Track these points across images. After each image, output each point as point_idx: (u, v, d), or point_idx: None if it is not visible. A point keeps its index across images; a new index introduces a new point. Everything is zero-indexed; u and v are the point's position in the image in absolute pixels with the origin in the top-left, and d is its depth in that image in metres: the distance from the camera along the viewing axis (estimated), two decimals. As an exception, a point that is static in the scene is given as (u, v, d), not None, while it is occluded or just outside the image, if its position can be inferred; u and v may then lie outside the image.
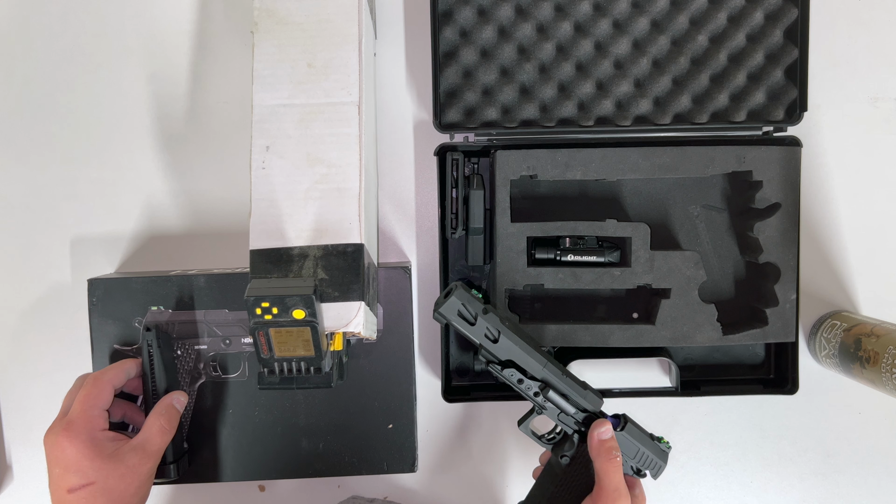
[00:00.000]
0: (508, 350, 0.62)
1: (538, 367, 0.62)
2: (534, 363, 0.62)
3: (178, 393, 0.67)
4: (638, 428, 0.63)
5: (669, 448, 0.64)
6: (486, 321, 0.61)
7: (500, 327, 0.61)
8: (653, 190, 0.75)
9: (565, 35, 0.71)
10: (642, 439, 0.63)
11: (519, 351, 0.62)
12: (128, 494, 0.60)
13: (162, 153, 0.76)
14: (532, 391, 0.62)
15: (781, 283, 0.70)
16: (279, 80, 0.62)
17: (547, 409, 0.63)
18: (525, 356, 0.62)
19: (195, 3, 0.76)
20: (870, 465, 0.78)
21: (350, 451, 0.72)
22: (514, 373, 0.62)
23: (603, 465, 0.59)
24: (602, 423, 0.61)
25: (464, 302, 0.61)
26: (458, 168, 0.71)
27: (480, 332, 0.61)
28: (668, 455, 0.64)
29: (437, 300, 0.63)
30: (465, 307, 0.61)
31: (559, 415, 0.63)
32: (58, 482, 0.59)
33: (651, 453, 0.63)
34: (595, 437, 0.60)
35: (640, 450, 0.63)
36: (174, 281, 0.70)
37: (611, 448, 0.60)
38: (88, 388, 0.62)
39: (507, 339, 0.61)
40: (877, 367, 0.66)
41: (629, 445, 0.62)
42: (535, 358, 0.62)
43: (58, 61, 0.76)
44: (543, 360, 0.62)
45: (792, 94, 0.71)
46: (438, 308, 0.61)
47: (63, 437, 0.59)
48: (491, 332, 0.61)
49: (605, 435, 0.60)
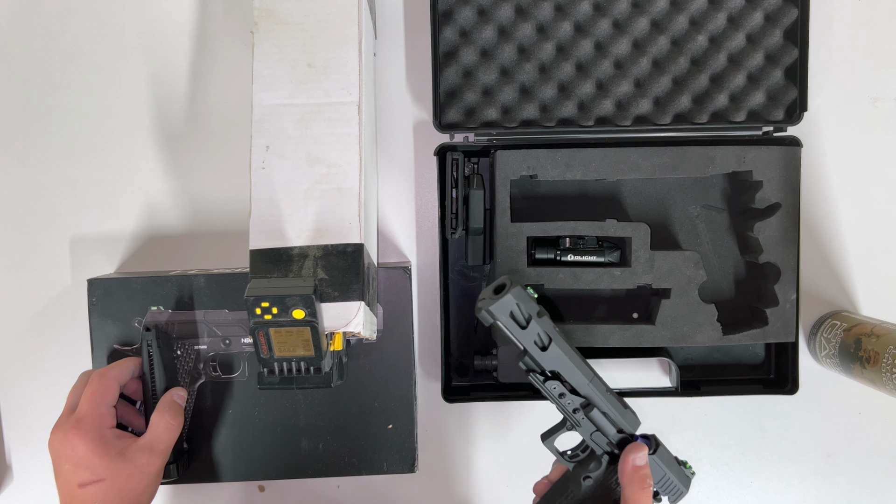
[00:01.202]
0: (556, 360, 0.56)
1: (584, 383, 0.57)
2: (580, 377, 0.57)
3: (176, 389, 0.67)
4: (666, 452, 0.60)
5: (693, 475, 0.61)
6: (539, 325, 0.55)
7: (553, 334, 0.56)
8: (653, 190, 0.75)
9: (565, 35, 0.71)
10: (670, 464, 0.60)
11: (567, 362, 0.57)
12: (137, 493, 0.61)
13: (162, 153, 0.76)
14: (572, 407, 0.58)
15: (781, 283, 0.70)
16: (279, 79, 0.62)
17: (582, 426, 0.59)
18: (573, 369, 0.57)
19: (195, 3, 0.76)
20: (870, 465, 0.78)
21: (350, 451, 0.72)
22: (557, 386, 0.57)
23: (635, 494, 0.56)
24: (639, 448, 0.58)
25: (519, 301, 0.54)
26: (458, 168, 0.71)
27: (530, 337, 0.56)
28: (692, 481, 0.61)
29: (482, 294, 0.56)
30: (520, 307, 0.54)
31: (593, 433, 0.59)
32: (67, 477, 0.59)
33: (676, 479, 0.60)
34: (630, 462, 0.57)
35: (665, 475, 0.59)
36: (174, 281, 0.70)
37: (645, 476, 0.57)
38: (95, 384, 0.62)
39: (557, 348, 0.56)
40: (877, 367, 0.66)
41: (656, 470, 0.59)
42: (583, 372, 0.57)
43: (58, 61, 0.76)
44: (591, 375, 0.57)
45: (792, 95, 0.71)
46: (488, 306, 0.54)
47: (73, 434, 0.59)
48: (541, 339, 0.56)
49: (640, 461, 0.57)
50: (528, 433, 0.78)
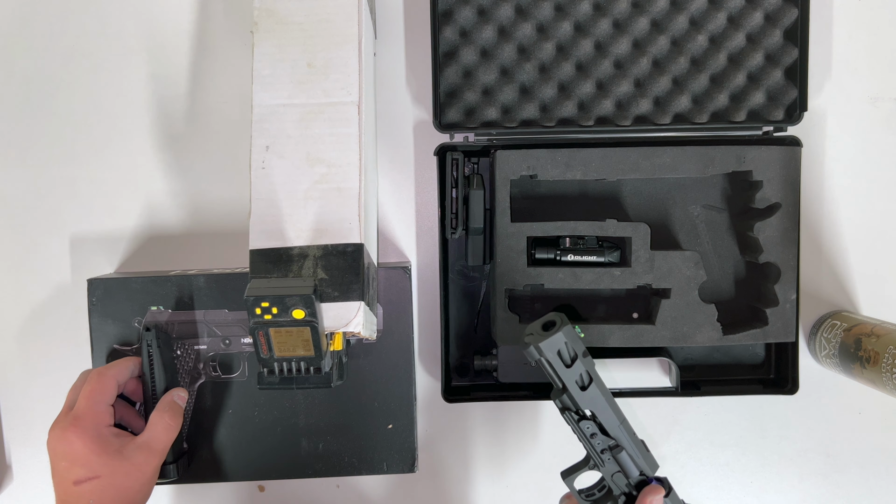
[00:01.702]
0: (594, 401, 0.56)
1: (615, 425, 0.58)
2: (613, 419, 0.57)
3: (177, 389, 0.67)
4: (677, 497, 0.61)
5: None
6: (583, 365, 0.55)
7: (594, 374, 0.56)
8: (653, 190, 0.75)
9: (565, 35, 0.71)
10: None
11: (604, 403, 0.57)
12: (133, 491, 0.61)
13: (162, 153, 0.76)
14: (601, 448, 0.58)
15: (781, 283, 0.70)
16: (279, 79, 0.62)
17: (606, 466, 0.59)
18: (608, 410, 0.57)
19: (195, 3, 0.76)
20: (870, 465, 0.78)
21: (350, 451, 0.72)
22: (591, 426, 0.57)
23: None
24: (657, 491, 0.59)
25: (568, 340, 0.54)
26: (458, 168, 0.71)
27: (573, 376, 0.55)
28: None
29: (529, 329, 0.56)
30: (567, 346, 0.54)
31: (614, 475, 0.59)
32: (63, 475, 0.59)
33: None
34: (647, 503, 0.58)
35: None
36: (174, 281, 0.70)
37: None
38: (93, 383, 0.62)
39: (596, 389, 0.56)
40: (877, 367, 0.66)
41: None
42: (616, 413, 0.58)
43: (58, 61, 0.76)
44: (622, 417, 0.58)
45: (792, 95, 0.71)
46: (537, 342, 0.54)
47: (70, 431, 0.59)
48: (582, 379, 0.56)
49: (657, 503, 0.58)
50: (528, 433, 0.78)
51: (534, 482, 0.78)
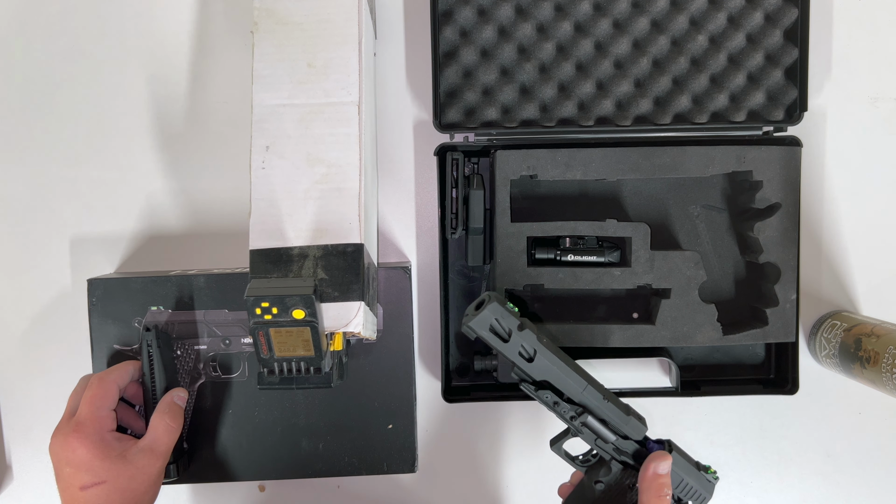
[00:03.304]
0: (544, 370, 0.57)
1: (577, 390, 0.58)
2: (572, 385, 0.57)
3: (177, 389, 0.67)
4: (683, 456, 0.60)
5: (717, 479, 0.60)
6: (521, 338, 0.56)
7: (537, 346, 0.56)
8: (653, 190, 0.75)
9: (565, 35, 0.71)
10: (688, 469, 0.59)
11: (556, 372, 0.57)
12: (139, 494, 0.61)
13: (162, 153, 0.76)
14: (568, 415, 0.58)
15: (781, 283, 0.70)
16: (279, 80, 0.62)
17: (583, 433, 0.59)
18: (563, 378, 0.57)
19: (195, 3, 0.76)
20: (870, 465, 0.78)
21: (350, 451, 0.72)
22: (549, 395, 0.58)
23: (650, 501, 0.56)
24: (662, 457, 0.57)
25: (497, 317, 0.55)
26: (458, 168, 0.71)
27: (514, 349, 0.56)
28: (714, 487, 0.60)
29: (466, 311, 0.57)
30: (499, 322, 0.56)
31: (596, 440, 0.59)
32: (69, 480, 0.59)
33: (696, 485, 0.59)
34: (650, 470, 0.57)
35: (684, 480, 0.59)
36: (174, 281, 0.70)
37: (663, 485, 0.56)
38: (94, 388, 0.62)
39: (543, 359, 0.57)
40: (877, 367, 0.66)
41: (673, 476, 0.59)
42: (574, 380, 0.57)
43: (58, 61, 0.76)
44: (583, 383, 0.58)
45: (792, 95, 0.71)
46: (468, 322, 0.56)
47: (73, 437, 0.59)
48: (526, 351, 0.57)
49: (661, 469, 0.57)
50: (529, 433, 0.78)
51: (534, 482, 0.78)
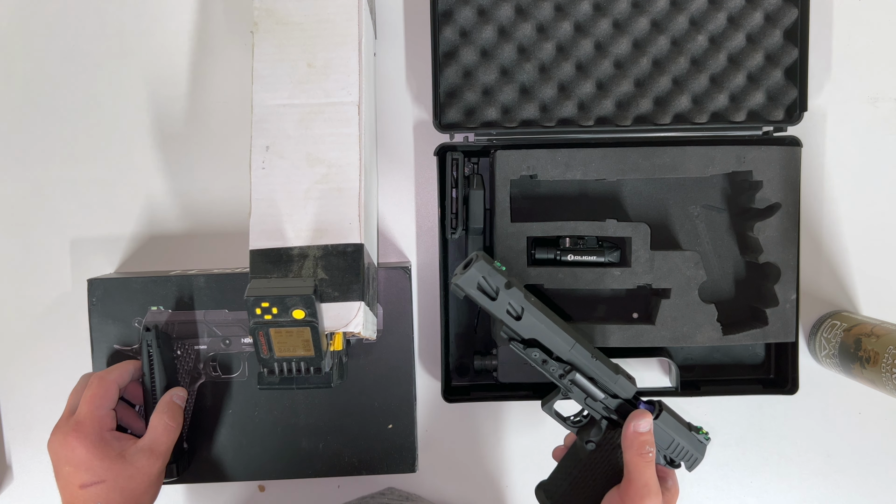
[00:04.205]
0: (532, 328, 0.57)
1: (565, 348, 0.58)
2: (560, 343, 0.58)
3: (176, 389, 0.67)
4: (674, 417, 0.60)
5: (708, 440, 0.60)
6: (508, 296, 0.56)
7: (525, 304, 0.57)
8: (653, 190, 0.75)
9: (565, 35, 0.71)
10: (678, 430, 0.59)
11: (544, 329, 0.57)
12: (138, 493, 0.61)
13: (162, 153, 0.76)
14: (557, 373, 0.58)
15: (781, 283, 0.70)
16: (279, 80, 0.62)
17: (573, 392, 0.59)
18: (551, 335, 0.57)
19: (195, 3, 0.76)
20: (870, 465, 0.78)
21: (350, 451, 0.72)
22: (537, 353, 0.58)
23: (633, 459, 0.56)
24: (641, 415, 0.57)
25: (484, 275, 0.56)
26: (458, 168, 0.71)
27: (502, 307, 0.57)
28: (706, 447, 0.61)
29: (455, 270, 0.58)
30: (486, 280, 0.56)
31: (586, 399, 0.59)
32: (69, 479, 0.59)
33: (687, 445, 0.60)
34: (630, 429, 0.57)
35: (674, 440, 0.59)
36: (174, 281, 0.70)
37: (644, 443, 0.56)
38: (94, 387, 0.62)
39: (531, 317, 0.57)
40: (877, 367, 0.66)
41: (663, 436, 0.59)
42: (562, 338, 0.58)
43: (58, 61, 0.76)
44: (571, 341, 0.58)
45: (792, 95, 0.71)
46: (456, 280, 0.56)
47: (73, 437, 0.59)
48: (514, 309, 0.57)
49: (641, 427, 0.57)
50: (529, 433, 0.78)
51: (534, 482, 0.78)
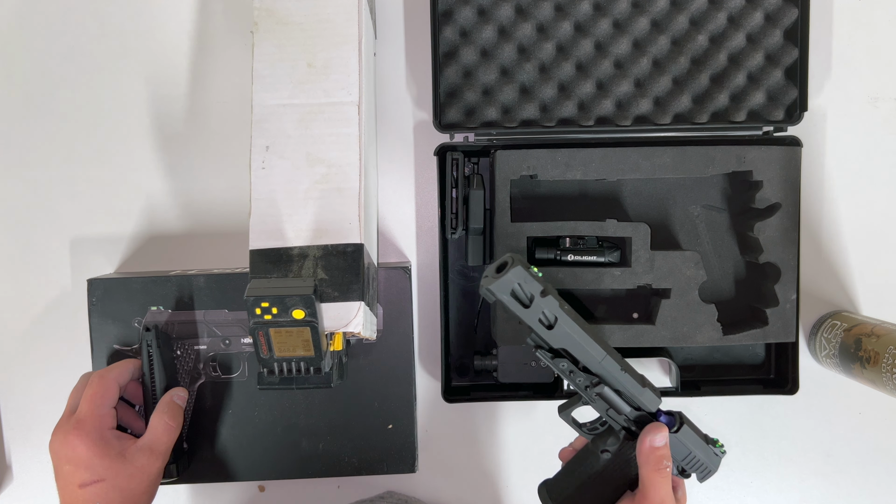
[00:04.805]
0: (563, 338, 0.55)
1: (594, 361, 0.56)
2: (591, 356, 0.56)
3: (176, 389, 0.67)
4: (693, 430, 0.58)
5: (724, 453, 0.59)
6: (543, 305, 0.54)
7: (559, 313, 0.54)
8: (653, 190, 0.75)
9: (565, 35, 0.71)
10: (696, 443, 0.58)
11: (576, 341, 0.55)
12: (137, 493, 0.61)
13: (161, 153, 0.76)
14: (584, 385, 0.57)
15: (781, 283, 0.70)
16: (279, 80, 0.62)
17: (596, 402, 0.57)
18: (582, 347, 0.55)
19: (195, 3, 0.76)
20: (870, 465, 0.78)
21: (350, 451, 0.72)
22: (565, 363, 0.56)
23: (650, 475, 0.55)
24: (657, 429, 0.56)
25: (520, 281, 0.53)
26: (458, 168, 0.71)
27: (535, 315, 0.54)
28: (721, 460, 0.60)
29: (486, 272, 0.55)
30: (521, 287, 0.53)
31: (608, 410, 0.57)
32: (68, 478, 0.59)
33: (703, 458, 0.58)
34: (647, 443, 0.56)
35: (691, 453, 0.58)
36: (174, 281, 0.70)
37: (661, 457, 0.55)
38: (95, 386, 0.62)
39: (564, 327, 0.54)
40: (877, 367, 0.66)
41: (680, 448, 0.58)
42: (594, 350, 0.56)
43: (58, 61, 0.76)
44: (602, 353, 0.56)
45: (792, 95, 0.71)
46: (489, 285, 0.53)
47: (73, 435, 0.59)
48: (546, 318, 0.54)
49: (658, 442, 0.56)
50: (529, 433, 0.78)
51: (534, 482, 0.78)
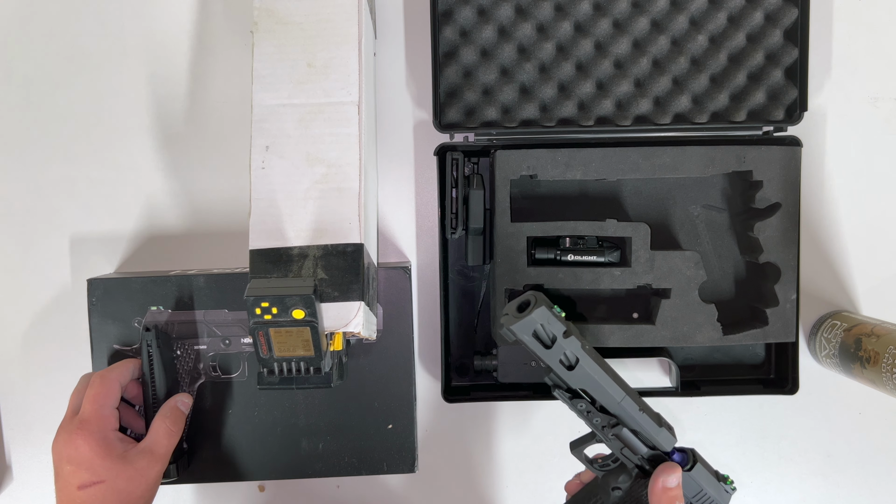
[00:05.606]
0: (583, 380, 0.55)
1: (614, 401, 0.55)
2: (610, 396, 0.55)
3: (182, 395, 0.67)
4: (706, 467, 0.58)
5: (734, 490, 0.59)
6: (566, 346, 0.53)
7: (581, 354, 0.54)
8: (653, 190, 0.75)
9: (565, 35, 0.71)
10: (708, 480, 0.57)
11: (596, 382, 0.55)
12: (135, 496, 0.61)
13: (162, 153, 0.76)
14: (601, 425, 0.56)
15: (781, 283, 0.70)
16: (279, 79, 0.62)
17: (611, 442, 0.57)
18: (602, 388, 0.55)
19: (195, 3, 0.76)
20: (870, 465, 0.78)
21: (350, 451, 0.72)
22: (584, 404, 0.55)
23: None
24: (671, 469, 0.55)
25: (544, 322, 0.52)
26: (458, 168, 0.71)
27: (556, 356, 0.54)
28: (730, 498, 0.59)
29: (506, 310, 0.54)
30: (544, 328, 0.52)
31: (622, 449, 0.57)
32: (68, 479, 0.59)
33: (714, 496, 0.58)
34: (659, 484, 0.55)
35: (702, 490, 0.57)
36: (174, 281, 0.70)
37: (674, 498, 0.54)
38: (97, 386, 0.62)
39: (585, 368, 0.54)
40: (877, 367, 0.66)
41: (692, 486, 0.57)
42: (613, 390, 0.55)
43: (58, 61, 0.76)
44: (621, 394, 0.55)
45: (792, 94, 0.71)
46: (510, 324, 0.52)
47: (77, 435, 0.59)
48: (567, 358, 0.54)
49: (671, 483, 0.55)
50: (528, 433, 0.78)
51: (534, 482, 0.78)
